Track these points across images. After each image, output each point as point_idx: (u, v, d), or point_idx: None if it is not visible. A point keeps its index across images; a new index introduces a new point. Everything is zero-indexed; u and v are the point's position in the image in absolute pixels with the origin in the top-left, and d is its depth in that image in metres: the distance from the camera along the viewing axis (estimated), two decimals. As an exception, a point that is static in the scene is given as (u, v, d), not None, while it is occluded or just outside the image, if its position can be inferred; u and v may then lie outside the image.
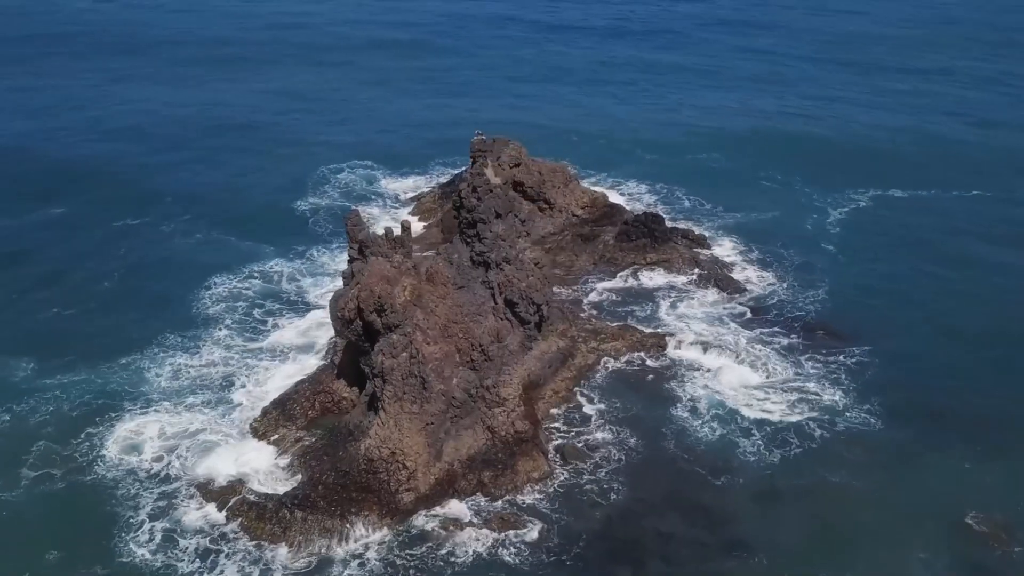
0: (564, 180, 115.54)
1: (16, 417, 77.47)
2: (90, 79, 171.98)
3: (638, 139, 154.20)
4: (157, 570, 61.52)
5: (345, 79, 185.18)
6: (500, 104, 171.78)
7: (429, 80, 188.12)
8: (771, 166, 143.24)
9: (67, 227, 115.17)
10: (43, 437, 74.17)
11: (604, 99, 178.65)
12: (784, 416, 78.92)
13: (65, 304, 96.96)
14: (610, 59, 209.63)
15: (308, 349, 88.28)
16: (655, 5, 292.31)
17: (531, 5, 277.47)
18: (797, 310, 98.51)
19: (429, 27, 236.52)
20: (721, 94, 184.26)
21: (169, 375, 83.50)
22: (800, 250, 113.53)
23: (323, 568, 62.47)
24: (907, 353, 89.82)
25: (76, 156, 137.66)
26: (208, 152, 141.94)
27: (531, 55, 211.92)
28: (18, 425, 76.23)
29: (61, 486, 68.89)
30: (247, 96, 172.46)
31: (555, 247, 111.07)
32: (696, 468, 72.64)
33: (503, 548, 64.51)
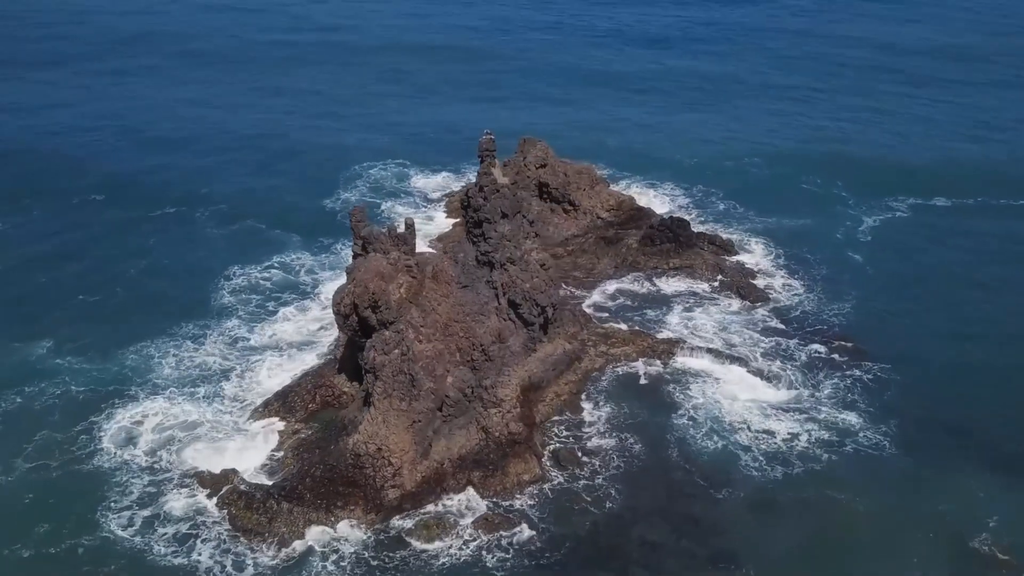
0: (590, 182, 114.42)
1: (26, 398, 79.51)
2: (129, 82, 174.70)
3: (679, 144, 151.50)
4: (136, 550, 62.55)
5: (385, 81, 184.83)
6: (540, 108, 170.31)
7: (471, 84, 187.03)
8: (813, 173, 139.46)
9: (103, 217, 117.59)
10: (46, 423, 75.83)
11: (646, 106, 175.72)
12: (791, 431, 76.63)
13: (90, 291, 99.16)
14: (657, 66, 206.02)
15: (313, 343, 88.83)
16: (711, 11, 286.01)
17: (579, 11, 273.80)
18: (819, 322, 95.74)
19: (475, 32, 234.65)
20: (767, 103, 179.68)
21: (173, 364, 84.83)
22: (830, 259, 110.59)
23: (302, 560, 62.70)
24: (929, 373, 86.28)
25: (120, 154, 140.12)
26: (247, 151, 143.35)
27: (575, 60, 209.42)
28: (26, 407, 78.28)
29: (56, 470, 70.36)
30: (288, 97, 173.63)
31: (577, 249, 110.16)
32: (693, 479, 71.05)
33: (485, 551, 63.96)
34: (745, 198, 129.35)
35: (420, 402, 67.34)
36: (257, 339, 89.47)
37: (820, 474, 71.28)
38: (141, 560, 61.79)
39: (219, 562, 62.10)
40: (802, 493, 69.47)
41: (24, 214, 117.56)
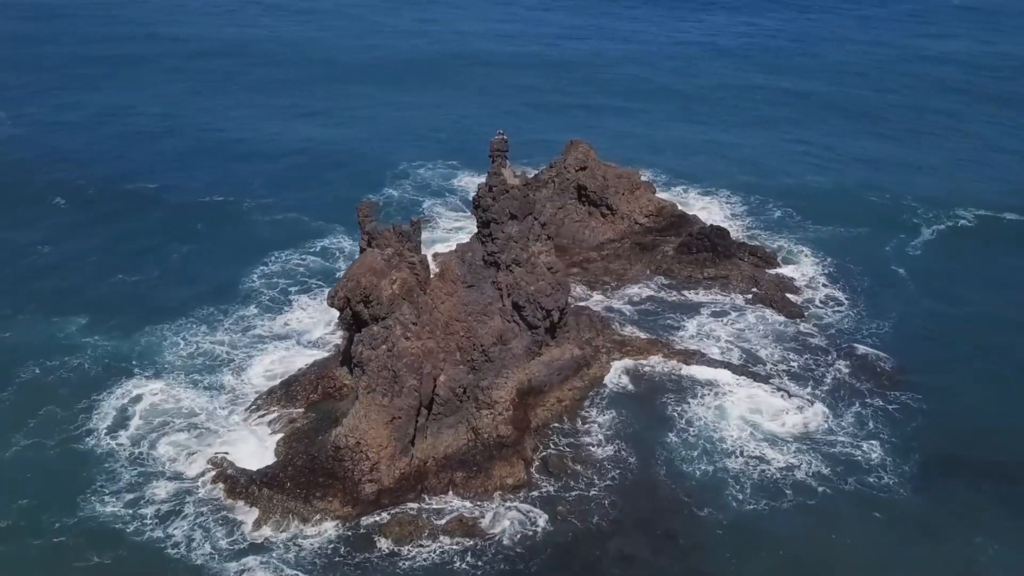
0: (630, 186, 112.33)
1: (44, 371, 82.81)
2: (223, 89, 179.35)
3: (740, 155, 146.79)
4: (117, 526, 64.22)
5: (446, 89, 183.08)
6: (604, 116, 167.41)
7: (537, 90, 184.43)
8: (881, 186, 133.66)
9: (155, 204, 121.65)
10: (53, 398, 78.61)
11: (711, 117, 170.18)
12: (801, 457, 73.03)
13: (129, 271, 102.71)
14: (722, 79, 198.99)
15: (324, 333, 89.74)
16: (788, 21, 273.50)
17: (656, 21, 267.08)
18: (853, 342, 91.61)
19: (544, 41, 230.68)
20: (836, 117, 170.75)
21: (184, 348, 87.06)
22: (879, 272, 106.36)
23: (269, 546, 63.17)
24: (964, 408, 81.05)
25: (177, 151, 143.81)
26: (307, 147, 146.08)
27: (646, 72, 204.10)
28: (41, 380, 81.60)
29: (51, 448, 72.68)
30: (352, 100, 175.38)
31: (612, 254, 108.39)
32: (678, 498, 68.73)
33: (454, 554, 63.28)
34: (803, 208, 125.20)
35: (402, 399, 67.18)
36: (269, 327, 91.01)
37: (811, 509, 67.55)
38: (119, 540, 63.20)
39: (191, 543, 63.08)
40: (785, 527, 65.80)
41: (86, 201, 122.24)
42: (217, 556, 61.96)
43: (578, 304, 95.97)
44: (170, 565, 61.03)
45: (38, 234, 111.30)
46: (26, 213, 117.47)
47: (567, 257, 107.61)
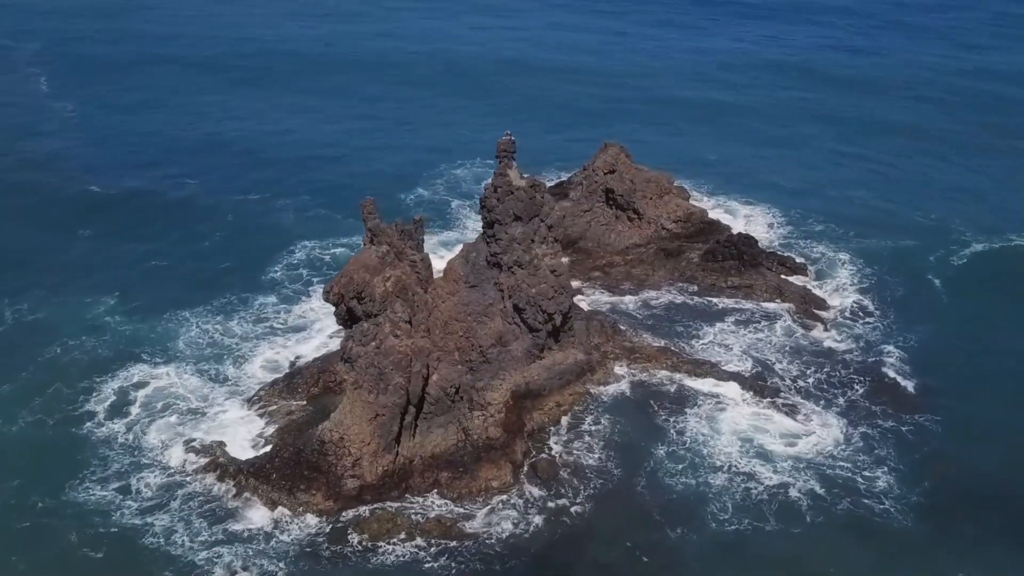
0: (659, 191, 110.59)
1: (64, 350, 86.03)
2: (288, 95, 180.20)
3: (788, 170, 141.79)
4: (102, 510, 65.91)
5: (497, 98, 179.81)
6: (649, 125, 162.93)
7: (587, 98, 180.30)
8: (929, 205, 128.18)
9: (191, 195, 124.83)
10: (64, 377, 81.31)
11: (758, 130, 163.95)
12: (795, 477, 71.00)
13: (162, 257, 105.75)
14: (771, 92, 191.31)
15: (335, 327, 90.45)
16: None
17: (719, 32, 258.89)
18: (876, 359, 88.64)
19: (593, 51, 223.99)
20: (889, 138, 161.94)
21: (197, 335, 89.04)
22: (916, 291, 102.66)
23: (249, 535, 64.08)
24: (983, 434, 77.83)
25: (230, 148, 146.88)
26: (351, 148, 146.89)
27: (692, 83, 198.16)
28: (57, 359, 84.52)
29: (50, 427, 75.05)
30: (393, 103, 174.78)
31: (635, 259, 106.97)
32: (656, 513, 67.39)
33: (427, 552, 63.35)
34: (846, 222, 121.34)
35: (387, 396, 67.37)
36: (284, 318, 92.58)
37: (794, 532, 65.39)
38: (103, 524, 64.86)
39: (174, 530, 64.32)
40: (762, 549, 63.86)
41: (128, 192, 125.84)
42: (197, 544, 63.12)
43: (591, 308, 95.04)
44: (149, 552, 62.29)
45: (80, 221, 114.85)
46: (72, 200, 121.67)
47: (590, 261, 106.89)
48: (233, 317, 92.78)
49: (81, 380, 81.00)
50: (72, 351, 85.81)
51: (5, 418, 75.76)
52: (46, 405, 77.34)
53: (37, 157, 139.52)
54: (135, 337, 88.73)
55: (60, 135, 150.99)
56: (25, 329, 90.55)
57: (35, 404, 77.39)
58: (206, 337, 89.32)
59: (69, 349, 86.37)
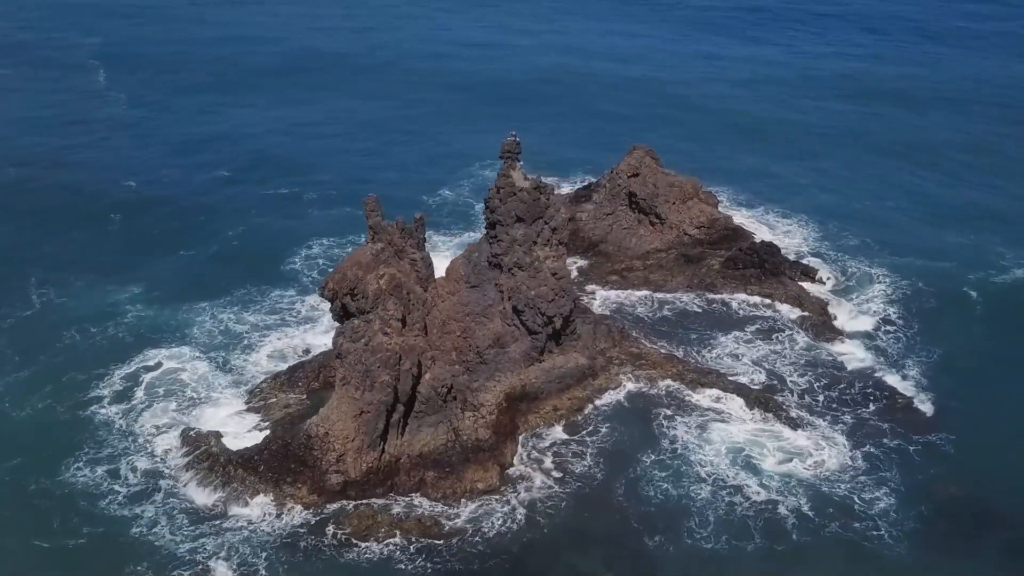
0: (682, 196, 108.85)
1: (83, 336, 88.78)
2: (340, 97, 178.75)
3: (827, 182, 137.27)
4: (92, 494, 67.70)
5: (535, 104, 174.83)
6: (688, 137, 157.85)
7: (633, 104, 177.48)
8: (972, 224, 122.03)
9: (221, 187, 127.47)
10: (79, 363, 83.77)
11: (799, 144, 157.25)
12: (786, 494, 69.11)
13: (188, 246, 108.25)
14: (815, 106, 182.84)
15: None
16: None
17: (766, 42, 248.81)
18: (890, 376, 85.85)
19: (649, 59, 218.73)
20: (938, 157, 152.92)
21: (212, 324, 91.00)
22: (946, 310, 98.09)
23: (232, 525, 65.01)
24: (994, 459, 74.45)
25: (268, 145, 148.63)
26: (384, 149, 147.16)
27: (734, 92, 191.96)
28: (77, 344, 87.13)
29: (59, 413, 77.18)
30: (441, 106, 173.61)
31: (655, 264, 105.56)
32: (646, 520, 66.54)
33: (404, 551, 63.47)
34: (883, 238, 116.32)
35: (372, 393, 67.61)
36: (298, 309, 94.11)
37: (775, 550, 63.61)
38: (92, 506, 66.74)
39: (158, 518, 65.64)
40: (739, 567, 62.33)
41: (161, 184, 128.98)
42: (180, 534, 64.24)
43: (601, 312, 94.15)
44: (132, 539, 63.56)
45: (114, 211, 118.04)
46: (108, 191, 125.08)
47: (609, 264, 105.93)
48: (249, 308, 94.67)
49: (96, 365, 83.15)
50: (92, 337, 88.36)
51: (17, 400, 78.13)
52: (58, 391, 79.45)
53: (85, 143, 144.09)
54: (153, 325, 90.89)
55: (109, 123, 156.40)
56: (49, 313, 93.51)
57: (48, 387, 79.76)
58: (220, 326, 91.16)
59: (89, 336, 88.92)
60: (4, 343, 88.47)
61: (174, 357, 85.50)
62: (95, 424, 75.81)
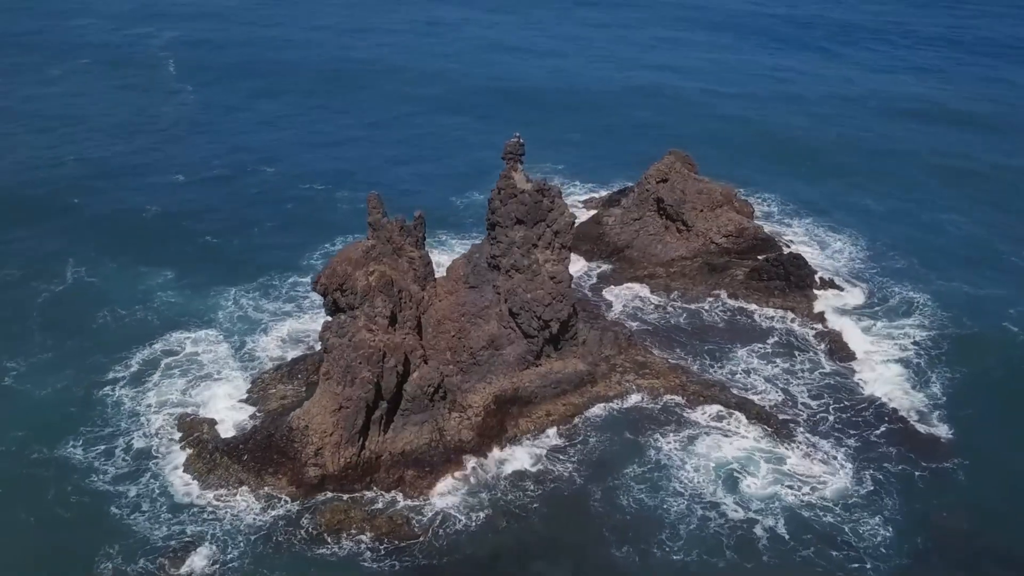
0: (711, 203, 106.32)
1: (113, 318, 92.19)
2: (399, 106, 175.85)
3: (877, 202, 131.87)
4: (84, 469, 70.02)
5: (576, 114, 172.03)
6: (746, 149, 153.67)
7: (683, 122, 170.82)
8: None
9: (261, 182, 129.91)
10: (105, 345, 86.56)
11: (850, 162, 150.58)
12: (765, 515, 66.88)
13: (217, 235, 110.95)
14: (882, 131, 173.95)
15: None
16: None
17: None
18: (906, 401, 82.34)
19: (707, 73, 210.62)
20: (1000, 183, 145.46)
21: (234, 310, 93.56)
22: (979, 339, 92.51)
23: (209, 512, 66.12)
24: (1005, 491, 71.02)
25: (311, 137, 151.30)
26: (424, 152, 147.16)
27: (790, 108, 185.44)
28: (106, 326, 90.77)
29: (75, 390, 79.90)
30: (476, 112, 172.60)
31: (678, 272, 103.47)
32: (617, 530, 65.44)
33: (372, 548, 63.55)
34: (932, 261, 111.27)
35: (352, 389, 67.89)
36: (313, 299, 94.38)
37: (743, 572, 61.46)
38: (82, 482, 68.83)
39: (142, 497, 67.36)
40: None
41: (201, 178, 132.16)
42: (158, 518, 65.57)
43: (615, 319, 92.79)
44: (112, 518, 65.27)
45: (157, 198, 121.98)
46: (159, 180, 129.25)
47: (632, 270, 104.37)
48: (269, 295, 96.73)
49: (119, 348, 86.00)
50: (122, 319, 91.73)
51: (39, 378, 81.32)
52: (80, 372, 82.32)
53: (146, 137, 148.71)
54: (181, 309, 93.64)
55: (174, 114, 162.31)
56: (81, 292, 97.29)
57: (71, 367, 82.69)
58: (240, 311, 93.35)
59: (120, 317, 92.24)
60: (37, 321, 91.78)
61: (194, 341, 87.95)
62: (105, 404, 78.16)
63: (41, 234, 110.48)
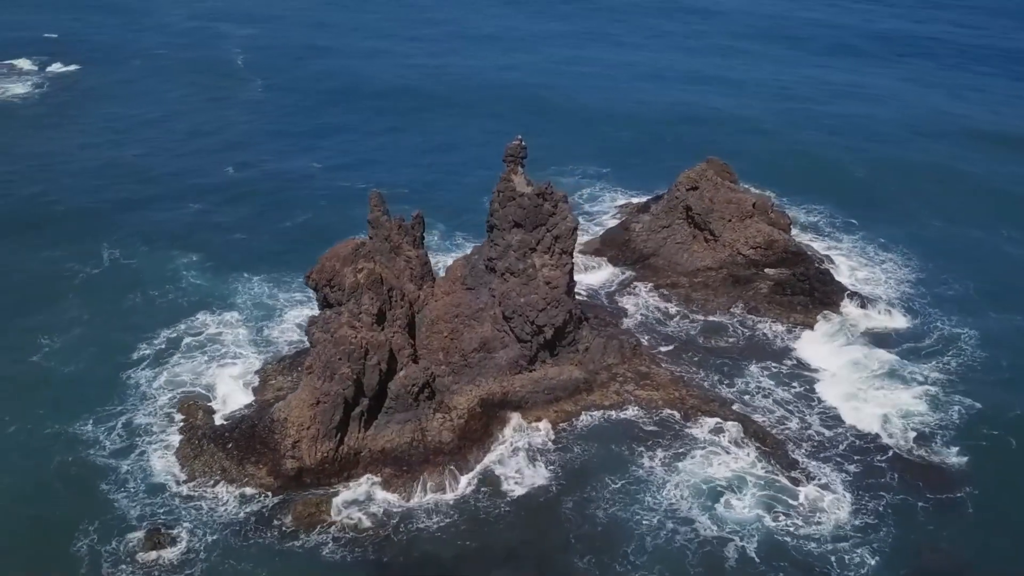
0: (740, 214, 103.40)
1: (144, 300, 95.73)
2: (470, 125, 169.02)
3: (949, 232, 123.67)
4: (87, 445, 72.82)
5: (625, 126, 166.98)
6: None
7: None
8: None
9: (310, 182, 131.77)
10: (135, 324, 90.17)
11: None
12: (740, 536, 64.58)
13: (245, 230, 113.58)
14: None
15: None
16: None
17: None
18: (915, 428, 78.16)
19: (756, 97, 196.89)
20: None
21: (253, 299, 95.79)
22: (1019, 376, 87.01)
23: (186, 498, 67.65)
24: (1006, 531, 67.08)
25: (369, 149, 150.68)
26: (469, 158, 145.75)
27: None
28: (137, 307, 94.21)
29: (94, 368, 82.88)
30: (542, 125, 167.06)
31: (701, 283, 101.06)
32: (584, 540, 64.31)
33: (337, 543, 63.66)
34: (990, 293, 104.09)
35: (331, 384, 68.50)
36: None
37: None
38: (83, 456, 71.53)
39: (128, 477, 69.44)
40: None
41: (259, 166, 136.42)
42: (136, 498, 67.24)
43: (628, 327, 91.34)
44: (99, 495, 67.28)
45: (201, 194, 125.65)
46: (212, 173, 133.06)
47: (655, 278, 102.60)
48: (283, 285, 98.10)
49: (147, 328, 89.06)
50: (153, 300, 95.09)
51: (68, 355, 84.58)
52: (104, 351, 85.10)
53: (209, 130, 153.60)
54: (206, 293, 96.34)
55: (241, 107, 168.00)
56: (116, 272, 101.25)
57: (91, 351, 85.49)
58: (256, 299, 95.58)
59: (151, 298, 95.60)
60: (74, 301, 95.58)
61: (218, 323, 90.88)
62: (124, 382, 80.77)
63: (87, 219, 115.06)
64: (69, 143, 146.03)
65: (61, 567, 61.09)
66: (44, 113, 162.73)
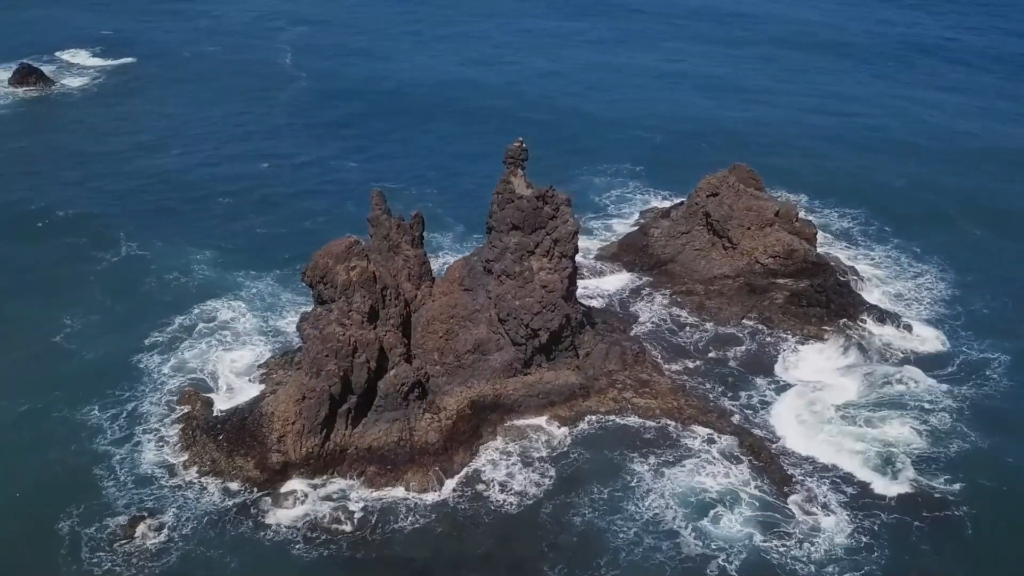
0: (759, 222, 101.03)
1: (160, 286, 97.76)
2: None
3: (987, 240, 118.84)
4: (90, 427, 74.70)
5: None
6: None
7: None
8: None
9: (346, 178, 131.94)
10: (149, 313, 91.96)
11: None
12: (727, 556, 62.46)
13: (262, 224, 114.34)
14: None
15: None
16: None
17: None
18: (919, 449, 75.26)
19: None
20: None
21: (259, 292, 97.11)
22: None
23: (175, 487, 68.69)
24: (1004, 555, 64.55)
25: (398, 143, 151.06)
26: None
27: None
28: (149, 297, 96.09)
29: (104, 357, 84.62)
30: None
31: (716, 291, 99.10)
32: (558, 549, 63.47)
33: (310, 540, 63.90)
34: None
35: (317, 380, 68.80)
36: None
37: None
38: (85, 442, 73.29)
39: (120, 464, 70.84)
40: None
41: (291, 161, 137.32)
42: (124, 486, 68.50)
43: (636, 334, 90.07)
44: (89, 481, 68.75)
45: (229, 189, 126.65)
46: (242, 166, 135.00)
47: (670, 285, 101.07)
48: (290, 281, 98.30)
49: (160, 315, 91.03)
50: (165, 289, 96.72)
51: (85, 341, 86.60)
52: (118, 338, 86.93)
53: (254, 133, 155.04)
54: (216, 285, 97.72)
55: (284, 101, 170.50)
56: (132, 263, 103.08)
57: (106, 338, 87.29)
58: (272, 294, 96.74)
59: (164, 287, 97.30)
60: (95, 289, 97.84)
61: (217, 316, 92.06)
62: (136, 368, 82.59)
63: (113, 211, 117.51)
64: (111, 137, 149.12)
65: (41, 551, 62.43)
66: (92, 108, 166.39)
